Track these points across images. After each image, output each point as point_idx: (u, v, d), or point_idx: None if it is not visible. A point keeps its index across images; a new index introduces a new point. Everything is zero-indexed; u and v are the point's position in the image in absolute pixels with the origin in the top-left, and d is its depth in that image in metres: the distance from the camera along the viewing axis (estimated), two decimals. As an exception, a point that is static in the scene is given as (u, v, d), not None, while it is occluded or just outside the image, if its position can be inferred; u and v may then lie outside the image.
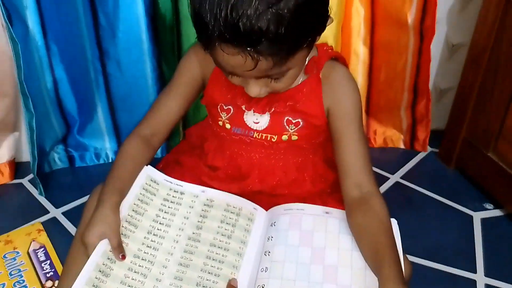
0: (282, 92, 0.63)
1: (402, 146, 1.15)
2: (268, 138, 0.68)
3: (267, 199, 0.69)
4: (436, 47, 1.09)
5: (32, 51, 0.90)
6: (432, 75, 1.13)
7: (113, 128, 1.03)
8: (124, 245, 0.57)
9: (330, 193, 0.73)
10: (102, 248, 0.55)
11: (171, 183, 0.68)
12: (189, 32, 0.90)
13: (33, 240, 0.84)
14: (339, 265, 0.58)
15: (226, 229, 0.63)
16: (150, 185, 0.65)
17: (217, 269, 0.59)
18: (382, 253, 0.55)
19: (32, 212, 0.91)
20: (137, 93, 0.97)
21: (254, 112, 0.68)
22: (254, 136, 0.69)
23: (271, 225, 0.64)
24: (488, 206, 0.97)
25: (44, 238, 0.84)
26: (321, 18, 0.54)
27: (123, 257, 0.56)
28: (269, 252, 0.61)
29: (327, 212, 0.64)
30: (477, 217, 0.94)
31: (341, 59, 0.70)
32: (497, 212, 0.95)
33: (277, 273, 0.58)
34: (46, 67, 0.94)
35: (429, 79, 1.03)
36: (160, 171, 0.68)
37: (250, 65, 0.51)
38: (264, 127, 0.68)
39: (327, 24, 0.56)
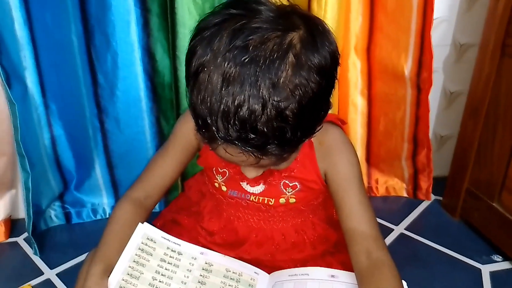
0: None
1: (405, 194, 1.14)
2: (266, 202, 0.67)
3: (268, 264, 0.67)
4: (434, 95, 1.10)
5: (31, 110, 0.90)
6: (432, 123, 1.13)
7: (111, 184, 1.02)
8: None
9: (333, 253, 0.71)
10: None
11: (169, 241, 0.66)
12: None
13: None
14: None
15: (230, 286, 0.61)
16: (146, 244, 0.64)
17: None
18: None
19: (25, 273, 0.88)
20: (135, 149, 0.97)
21: (247, 184, 0.67)
22: (251, 199, 0.68)
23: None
24: (496, 258, 0.94)
25: None
26: (325, 111, 0.53)
27: None
28: None
29: (332, 276, 0.63)
30: (486, 270, 0.91)
31: (335, 121, 0.68)
32: (506, 265, 0.92)
33: None
34: (45, 124, 0.94)
35: (429, 129, 1.03)
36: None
37: (252, 161, 0.50)
38: (261, 190, 0.67)
39: (324, 119, 0.54)
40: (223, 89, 0.45)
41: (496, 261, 0.93)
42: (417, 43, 0.94)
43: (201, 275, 0.64)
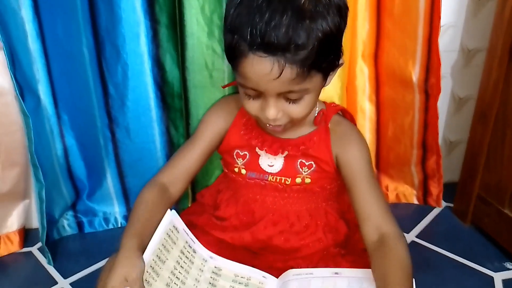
0: (294, 125, 0.67)
1: (415, 201, 1.13)
2: (282, 181, 0.73)
3: (280, 258, 0.71)
4: (443, 100, 1.10)
5: (43, 121, 0.92)
6: (441, 128, 1.13)
7: (122, 193, 1.03)
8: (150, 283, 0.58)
9: (344, 254, 0.74)
10: None
11: (188, 235, 0.68)
12: (197, 99, 0.91)
13: None
14: None
15: None
16: (172, 231, 0.66)
17: None
18: (389, 279, 0.57)
19: (40, 283, 0.90)
20: (145, 157, 0.97)
21: (266, 153, 0.73)
22: (269, 179, 0.74)
23: None
24: (509, 265, 0.93)
25: None
26: (338, 51, 0.63)
27: None
28: None
29: (336, 273, 0.65)
30: (498, 278, 0.90)
31: (347, 115, 0.76)
32: None
33: None
34: (57, 134, 0.95)
35: (438, 135, 1.02)
36: None
37: (276, 72, 0.57)
38: (278, 170, 0.73)
39: (339, 64, 0.65)
40: (263, 10, 0.55)
41: (508, 269, 0.92)
42: (425, 49, 0.94)
43: (211, 277, 0.66)
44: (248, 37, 0.57)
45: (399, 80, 0.99)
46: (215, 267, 0.68)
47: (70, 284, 0.89)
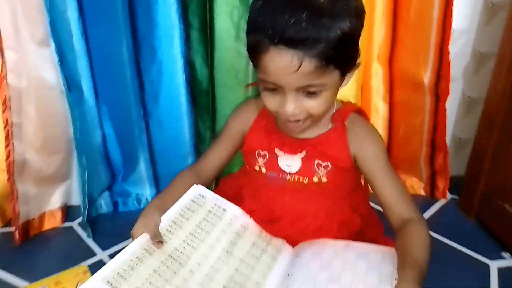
0: (312, 122, 0.71)
1: (423, 193, 1.21)
2: (300, 180, 0.76)
3: (298, 242, 0.77)
4: (454, 101, 1.16)
5: (86, 112, 1.02)
6: (451, 126, 1.20)
7: (153, 177, 1.14)
8: (165, 240, 0.67)
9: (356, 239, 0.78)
10: (142, 239, 0.65)
11: (217, 199, 0.77)
12: (223, 96, 1.01)
13: (79, 281, 0.94)
14: (354, 284, 0.63)
15: (258, 249, 0.72)
16: (198, 198, 0.75)
17: (251, 269, 0.68)
18: (407, 257, 0.62)
19: (80, 255, 1.01)
20: (175, 147, 1.08)
21: (285, 153, 0.76)
22: (287, 179, 0.77)
23: (296, 256, 0.71)
24: (505, 255, 1.00)
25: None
26: (355, 51, 0.66)
27: (160, 243, 0.66)
28: (291, 273, 0.68)
29: (347, 245, 0.72)
30: (494, 266, 0.97)
31: (363, 114, 0.79)
32: None
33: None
34: (97, 124, 1.05)
35: (446, 135, 1.09)
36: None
37: (296, 64, 0.60)
38: (296, 170, 0.76)
39: (355, 65, 0.68)
40: (284, 8, 0.59)
41: (504, 258, 0.99)
42: (436, 55, 1.00)
43: (239, 229, 0.73)
44: (270, 32, 0.60)
45: (411, 83, 1.06)
46: (242, 225, 0.74)
47: (109, 255, 1.00)
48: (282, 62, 0.61)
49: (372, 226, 0.79)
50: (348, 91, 1.04)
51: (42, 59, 0.93)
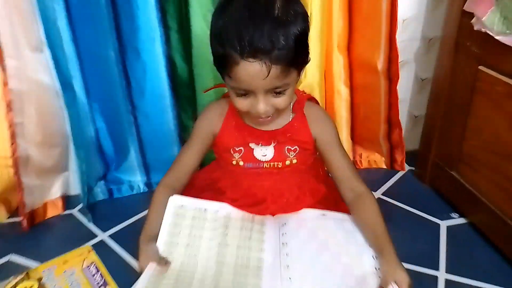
0: (279, 115, 0.82)
1: (384, 166, 1.36)
2: (275, 166, 0.89)
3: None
4: (408, 81, 1.31)
5: (79, 109, 1.12)
6: (407, 105, 1.35)
7: (143, 165, 1.25)
8: (170, 256, 0.78)
9: (324, 207, 0.92)
10: (151, 268, 0.76)
11: (194, 203, 0.86)
12: (202, 88, 1.11)
13: (85, 259, 1.05)
14: (341, 251, 0.78)
15: (247, 231, 0.83)
16: (179, 210, 0.85)
17: (248, 250, 0.80)
18: (381, 238, 0.78)
19: (82, 237, 1.11)
20: (161, 137, 1.19)
21: (261, 145, 0.87)
22: (264, 166, 0.88)
23: (282, 225, 0.84)
24: (453, 215, 1.16)
25: (93, 256, 1.04)
26: (307, 50, 0.76)
27: (167, 264, 0.77)
28: (285, 242, 0.80)
29: (323, 214, 0.87)
30: (444, 225, 1.12)
31: (314, 101, 0.93)
32: (461, 221, 1.13)
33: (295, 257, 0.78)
34: (89, 120, 1.16)
35: (399, 113, 1.24)
36: None
37: (265, 72, 0.69)
38: (271, 157, 0.87)
39: (307, 61, 0.77)
40: (247, 22, 0.68)
41: (453, 218, 1.15)
42: (387, 43, 1.14)
43: (224, 222, 0.83)
44: (238, 47, 0.68)
45: (368, 68, 1.19)
46: (225, 216, 0.85)
47: (109, 236, 1.11)
48: (252, 71, 0.69)
49: (333, 190, 0.92)
50: (312, 78, 1.17)
51: (37, 64, 1.04)
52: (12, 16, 0.96)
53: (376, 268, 0.76)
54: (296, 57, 0.72)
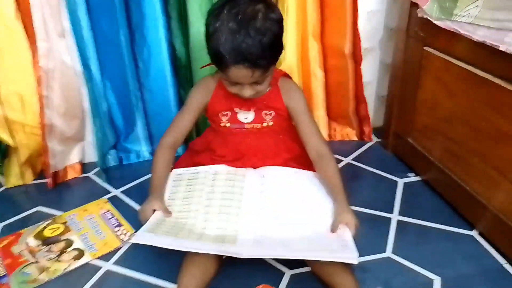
0: (260, 95, 1.00)
1: (355, 138, 1.57)
2: (255, 127, 1.07)
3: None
4: (374, 66, 1.51)
5: (95, 87, 1.33)
6: (375, 87, 1.56)
7: (148, 136, 1.46)
8: (170, 208, 0.97)
9: (297, 164, 1.12)
10: (158, 214, 0.94)
11: (189, 170, 1.07)
12: (198, 69, 1.33)
13: (102, 208, 1.26)
14: (308, 198, 1.00)
15: (231, 181, 1.03)
16: (177, 177, 1.07)
17: (231, 194, 1.00)
18: (336, 189, 0.97)
19: (98, 193, 1.31)
20: (164, 111, 1.38)
21: (243, 111, 1.03)
22: (246, 127, 1.05)
23: (262, 176, 1.04)
24: (410, 175, 1.37)
25: (109, 206, 1.24)
26: (281, 47, 0.92)
27: (169, 213, 0.96)
28: (263, 191, 1.01)
29: (296, 172, 1.07)
30: (401, 182, 1.33)
31: (287, 76, 1.09)
32: (416, 179, 1.34)
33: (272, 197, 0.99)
34: (103, 96, 1.36)
35: (363, 91, 1.45)
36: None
37: (250, 74, 0.88)
38: (251, 120, 1.05)
39: (280, 54, 0.93)
40: (236, 34, 0.84)
41: (409, 177, 1.37)
42: (351, 31, 1.35)
43: (213, 175, 1.04)
44: (228, 57, 0.85)
45: (338, 53, 1.40)
46: (214, 174, 1.06)
47: (121, 192, 1.32)
48: (241, 74, 0.88)
49: (304, 150, 1.13)
50: (291, 62, 1.39)
51: (62, 47, 1.25)
52: (44, 6, 1.18)
53: (332, 212, 0.97)
54: (274, 58, 0.91)
